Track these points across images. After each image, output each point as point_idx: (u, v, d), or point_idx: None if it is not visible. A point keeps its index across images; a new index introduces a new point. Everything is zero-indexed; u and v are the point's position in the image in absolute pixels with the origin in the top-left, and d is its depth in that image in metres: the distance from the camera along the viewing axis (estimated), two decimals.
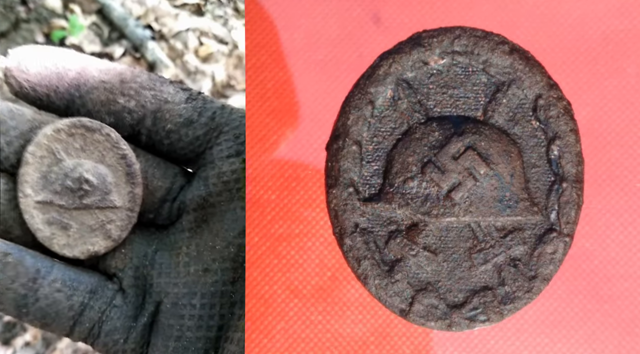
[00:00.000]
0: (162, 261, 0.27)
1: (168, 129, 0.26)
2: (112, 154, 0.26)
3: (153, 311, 0.26)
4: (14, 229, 0.26)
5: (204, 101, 0.27)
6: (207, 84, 1.14)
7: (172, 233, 0.27)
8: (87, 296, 0.26)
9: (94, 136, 0.26)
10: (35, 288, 0.25)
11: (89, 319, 0.26)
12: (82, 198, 0.26)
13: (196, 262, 0.26)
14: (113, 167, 0.26)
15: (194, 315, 0.26)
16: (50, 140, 0.26)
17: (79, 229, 0.26)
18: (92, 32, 1.12)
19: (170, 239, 0.27)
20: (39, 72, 0.25)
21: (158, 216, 0.27)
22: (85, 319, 0.26)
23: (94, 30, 1.13)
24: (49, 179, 0.26)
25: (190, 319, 0.26)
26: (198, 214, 0.27)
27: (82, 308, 0.25)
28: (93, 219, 0.26)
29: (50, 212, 0.26)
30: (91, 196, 0.26)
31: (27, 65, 0.25)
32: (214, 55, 1.17)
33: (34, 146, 0.26)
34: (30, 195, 0.26)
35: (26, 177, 0.26)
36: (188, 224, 0.27)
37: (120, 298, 0.26)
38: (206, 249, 0.26)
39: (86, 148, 0.26)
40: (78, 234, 0.26)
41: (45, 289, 0.25)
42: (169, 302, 0.26)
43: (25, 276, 0.25)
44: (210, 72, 1.15)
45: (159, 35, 1.17)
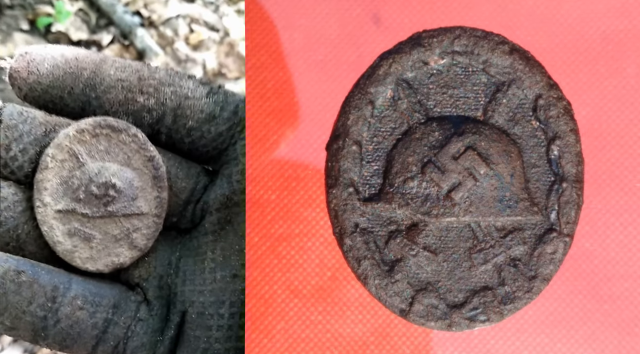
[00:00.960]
0: (186, 268, 0.25)
1: (189, 127, 0.25)
2: (138, 156, 0.24)
3: (179, 322, 0.24)
4: (27, 244, 0.23)
5: (225, 95, 0.26)
6: (198, 72, 1.11)
7: (195, 237, 0.25)
8: (111, 311, 0.23)
9: (120, 136, 0.24)
10: (55, 308, 0.22)
11: (113, 337, 0.23)
12: (107, 205, 0.24)
13: (223, 268, 0.25)
14: (139, 171, 0.24)
15: (222, 326, 0.24)
16: (73, 142, 0.23)
17: (103, 239, 0.24)
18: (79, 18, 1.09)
19: (194, 244, 0.25)
20: (51, 73, 0.23)
21: (181, 220, 0.26)
22: (110, 337, 0.23)
23: (81, 16, 1.10)
24: (71, 185, 0.23)
25: (219, 330, 0.24)
26: (222, 214, 0.25)
27: (105, 325, 0.23)
28: (118, 228, 0.24)
29: (71, 222, 0.23)
30: (117, 202, 0.24)
31: (37, 66, 0.23)
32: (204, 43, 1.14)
33: (54, 149, 0.23)
34: (50, 204, 0.23)
35: (45, 184, 0.23)
36: (211, 226, 0.25)
37: (145, 310, 0.24)
38: (233, 253, 0.25)
39: (111, 150, 0.24)
40: (101, 245, 0.24)
41: (65, 308, 0.22)
42: (194, 312, 0.24)
43: (43, 295, 0.22)
44: (201, 60, 1.13)
45: (148, 22, 1.14)
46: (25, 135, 0.23)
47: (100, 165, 0.24)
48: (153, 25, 1.14)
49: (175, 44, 1.13)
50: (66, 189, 0.23)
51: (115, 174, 0.24)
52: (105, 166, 0.24)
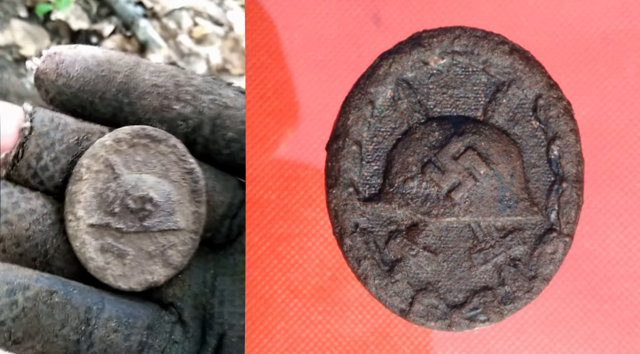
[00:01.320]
0: (223, 288, 0.23)
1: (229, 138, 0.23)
2: (176, 168, 0.23)
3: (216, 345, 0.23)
4: (55, 260, 0.22)
5: None
6: (202, 67, 1.08)
7: (231, 254, 0.24)
8: (145, 333, 0.22)
9: (159, 147, 0.22)
10: (89, 331, 0.21)
11: None
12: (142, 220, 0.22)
13: None
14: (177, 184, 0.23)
15: None
16: (109, 152, 0.22)
17: (136, 256, 0.22)
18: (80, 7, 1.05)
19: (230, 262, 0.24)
20: (82, 76, 0.22)
21: (216, 235, 0.24)
22: None
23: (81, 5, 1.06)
24: (105, 198, 0.22)
25: None
26: None
27: (140, 348, 0.21)
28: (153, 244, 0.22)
29: (104, 237, 0.22)
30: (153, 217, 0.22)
31: (67, 68, 0.22)
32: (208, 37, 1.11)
33: (89, 159, 0.22)
34: (83, 217, 0.22)
35: (78, 196, 0.22)
36: None
37: (179, 332, 0.22)
38: None
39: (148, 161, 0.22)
40: (135, 262, 0.22)
41: (100, 331, 0.21)
42: (234, 335, 0.22)
43: (76, 317, 0.21)
44: (204, 54, 1.09)
45: (151, 13, 1.10)
46: (57, 143, 0.22)
47: (137, 177, 0.22)
48: (156, 16, 1.10)
49: (179, 37, 1.09)
50: (100, 202, 0.22)
51: (152, 187, 0.22)
52: (142, 178, 0.22)
